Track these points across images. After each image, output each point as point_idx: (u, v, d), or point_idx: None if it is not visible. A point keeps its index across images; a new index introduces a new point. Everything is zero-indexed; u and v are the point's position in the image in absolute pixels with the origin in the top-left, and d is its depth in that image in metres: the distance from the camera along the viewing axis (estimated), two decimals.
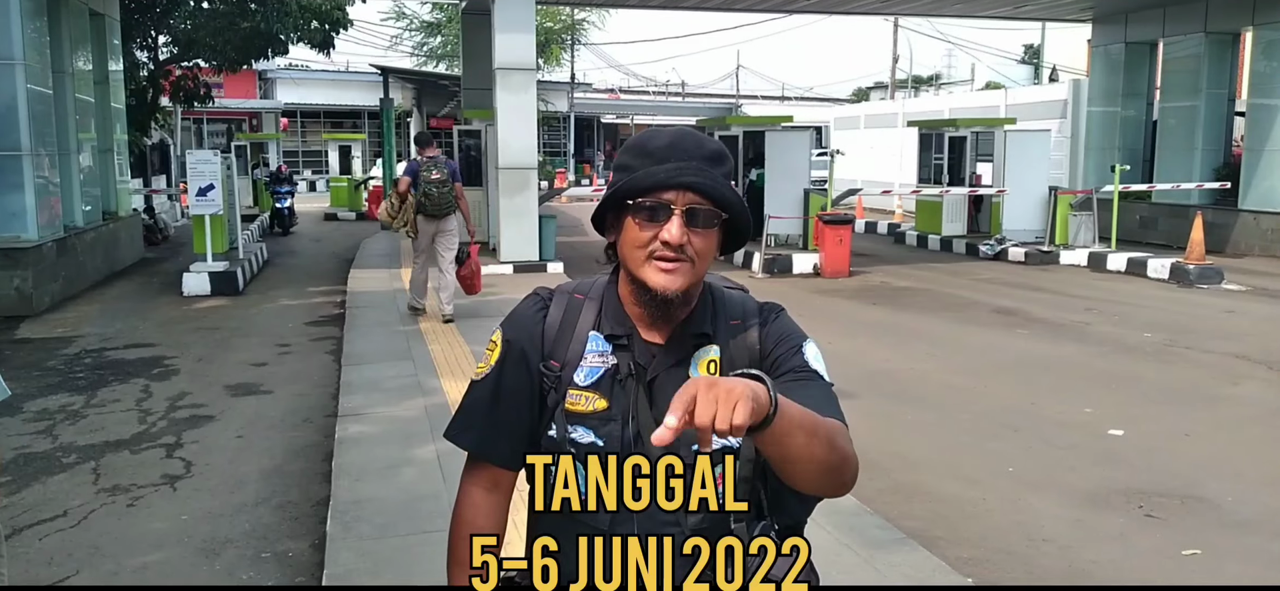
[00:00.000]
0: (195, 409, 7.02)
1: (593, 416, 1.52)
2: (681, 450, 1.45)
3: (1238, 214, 16.25)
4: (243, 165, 21.34)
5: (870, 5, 20.10)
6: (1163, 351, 8.72)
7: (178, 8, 19.77)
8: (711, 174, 1.47)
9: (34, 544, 4.67)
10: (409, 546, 4.15)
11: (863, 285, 12.98)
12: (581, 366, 1.54)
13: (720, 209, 1.48)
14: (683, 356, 1.54)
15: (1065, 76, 26.22)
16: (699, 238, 1.47)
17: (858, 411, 6.77)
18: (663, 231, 1.45)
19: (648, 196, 1.46)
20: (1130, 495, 5.18)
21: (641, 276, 1.49)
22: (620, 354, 1.54)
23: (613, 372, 1.53)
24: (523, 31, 13.68)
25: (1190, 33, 17.55)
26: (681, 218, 1.46)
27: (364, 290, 11.83)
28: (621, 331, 1.54)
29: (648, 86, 54.89)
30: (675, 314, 1.53)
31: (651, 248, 1.47)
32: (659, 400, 1.50)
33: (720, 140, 1.44)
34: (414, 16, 34.80)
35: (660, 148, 1.49)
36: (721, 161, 1.51)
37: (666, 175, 1.46)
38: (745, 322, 1.59)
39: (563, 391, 1.54)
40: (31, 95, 11.22)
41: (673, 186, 1.46)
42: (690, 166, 1.46)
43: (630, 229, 1.49)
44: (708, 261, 1.51)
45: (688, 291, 1.50)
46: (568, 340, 1.56)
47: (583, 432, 1.52)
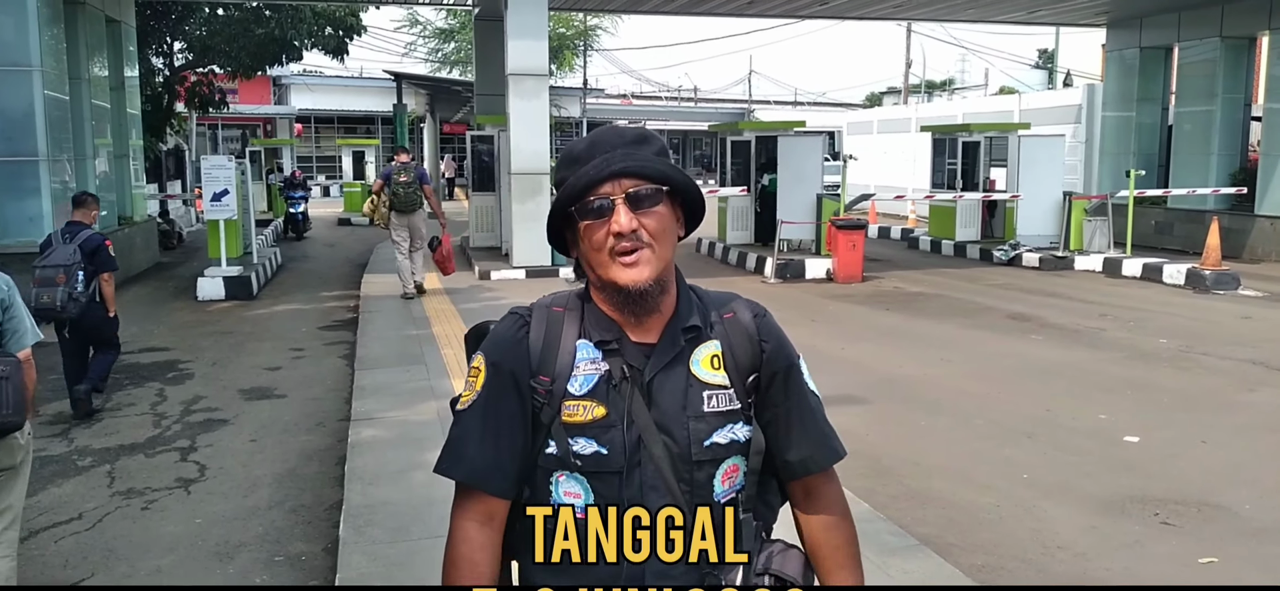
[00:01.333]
0: (209, 412, 7.06)
1: (593, 425, 1.48)
2: (695, 448, 1.47)
3: (1254, 219, 16.13)
4: (257, 171, 21.42)
5: (883, 10, 20.04)
6: (1178, 358, 8.66)
7: (193, 14, 19.92)
8: (638, 154, 1.48)
9: (50, 546, 4.70)
10: (421, 550, 4.15)
11: (876, 290, 12.94)
12: (574, 376, 1.50)
13: (659, 184, 1.47)
14: (677, 353, 1.52)
15: (1080, 81, 26.12)
16: (649, 219, 1.46)
17: (871, 417, 6.76)
18: (611, 223, 1.45)
19: (587, 196, 1.47)
20: (1146, 503, 5.14)
21: (610, 278, 1.48)
22: (611, 358, 1.51)
23: (607, 378, 1.50)
24: (535, 38, 13.73)
25: (1205, 37, 17.44)
26: (625, 204, 1.45)
27: (377, 294, 11.87)
28: (610, 336, 1.51)
29: (660, 92, 54.94)
30: (656, 305, 1.50)
31: (608, 244, 1.46)
32: (658, 400, 1.49)
33: (650, 131, 1.45)
34: (427, 23, 34.95)
35: (583, 150, 1.51)
36: (646, 142, 1.52)
37: (596, 170, 1.46)
38: (738, 313, 1.59)
39: (557, 405, 1.50)
40: (48, 101, 11.31)
41: (604, 177, 1.46)
42: (615, 155, 1.47)
43: (583, 235, 1.49)
44: (670, 243, 1.50)
45: (661, 279, 1.49)
46: (555, 353, 1.51)
47: (584, 443, 1.48)
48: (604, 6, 21.71)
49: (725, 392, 1.52)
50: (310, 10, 19.80)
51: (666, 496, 1.46)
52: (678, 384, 1.50)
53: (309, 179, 25.59)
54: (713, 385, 1.52)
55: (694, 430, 1.49)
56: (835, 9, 19.36)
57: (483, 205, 16.85)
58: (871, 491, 5.19)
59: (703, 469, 1.49)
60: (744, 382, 1.54)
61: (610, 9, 24.33)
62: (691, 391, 1.50)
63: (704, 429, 1.49)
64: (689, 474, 1.48)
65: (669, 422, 1.48)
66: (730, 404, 1.52)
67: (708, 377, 1.52)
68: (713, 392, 1.51)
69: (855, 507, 4.53)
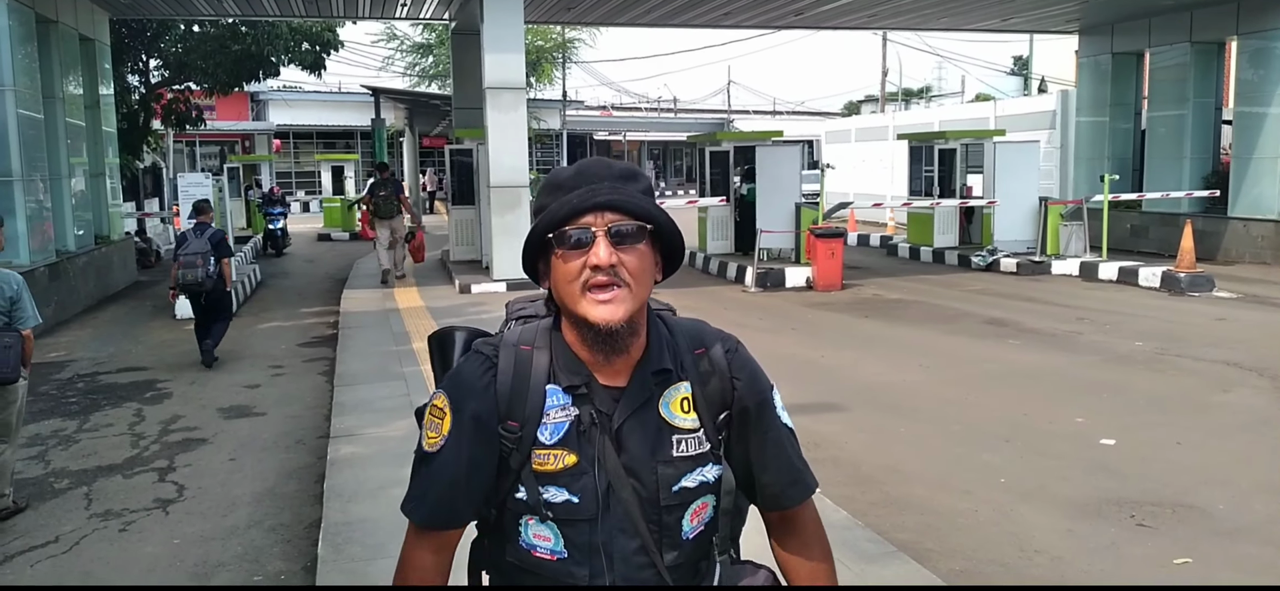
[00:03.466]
0: (188, 432, 7.01)
1: (564, 474, 1.45)
2: (663, 493, 1.47)
3: (1228, 221, 16.33)
4: (235, 187, 21.32)
5: (857, 20, 20.18)
6: (1154, 360, 8.75)
7: (169, 31, 19.82)
8: (625, 190, 1.44)
9: (25, 570, 4.66)
10: None
11: (855, 298, 13.01)
12: (544, 424, 1.46)
13: (643, 222, 1.44)
14: (647, 397, 1.48)
15: (1054, 87, 26.33)
16: (629, 255, 1.42)
17: (850, 424, 6.80)
18: (590, 255, 1.40)
19: (568, 224, 1.42)
20: (1122, 505, 5.19)
21: (581, 312, 1.43)
22: (581, 404, 1.47)
23: (576, 423, 1.46)
24: (512, 51, 13.74)
25: (1176, 42, 17.67)
26: (606, 238, 1.41)
27: (356, 310, 11.83)
28: (579, 380, 1.47)
29: (640, 103, 55.09)
30: (624, 347, 1.46)
31: (583, 277, 1.41)
32: (627, 446, 1.46)
33: (638, 169, 1.42)
34: (405, 38, 34.92)
35: (568, 178, 1.46)
36: (634, 178, 1.47)
37: (580, 199, 1.42)
38: (709, 349, 1.55)
39: (526, 451, 1.46)
40: (22, 120, 11.23)
41: (588, 208, 1.41)
42: (602, 187, 1.43)
43: (558, 264, 1.44)
44: (646, 284, 1.45)
45: (634, 320, 1.45)
46: (524, 396, 1.46)
47: (555, 492, 1.45)
48: (581, 19, 21.72)
49: (695, 436, 1.50)
50: (287, 26, 19.74)
51: (635, 539, 1.46)
52: (647, 429, 1.48)
53: (288, 195, 25.46)
54: (682, 429, 1.49)
55: (662, 475, 1.47)
56: (811, 19, 19.47)
57: (462, 219, 16.82)
58: (850, 499, 5.22)
59: (671, 512, 1.48)
60: (715, 421, 1.52)
61: (588, 21, 24.35)
62: (661, 436, 1.48)
63: (673, 473, 1.47)
64: (657, 517, 1.47)
65: (638, 467, 1.46)
66: (700, 447, 1.50)
67: (678, 421, 1.49)
68: (682, 437, 1.49)
69: (834, 516, 4.59)
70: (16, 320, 5.21)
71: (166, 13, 17.76)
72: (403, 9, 18.31)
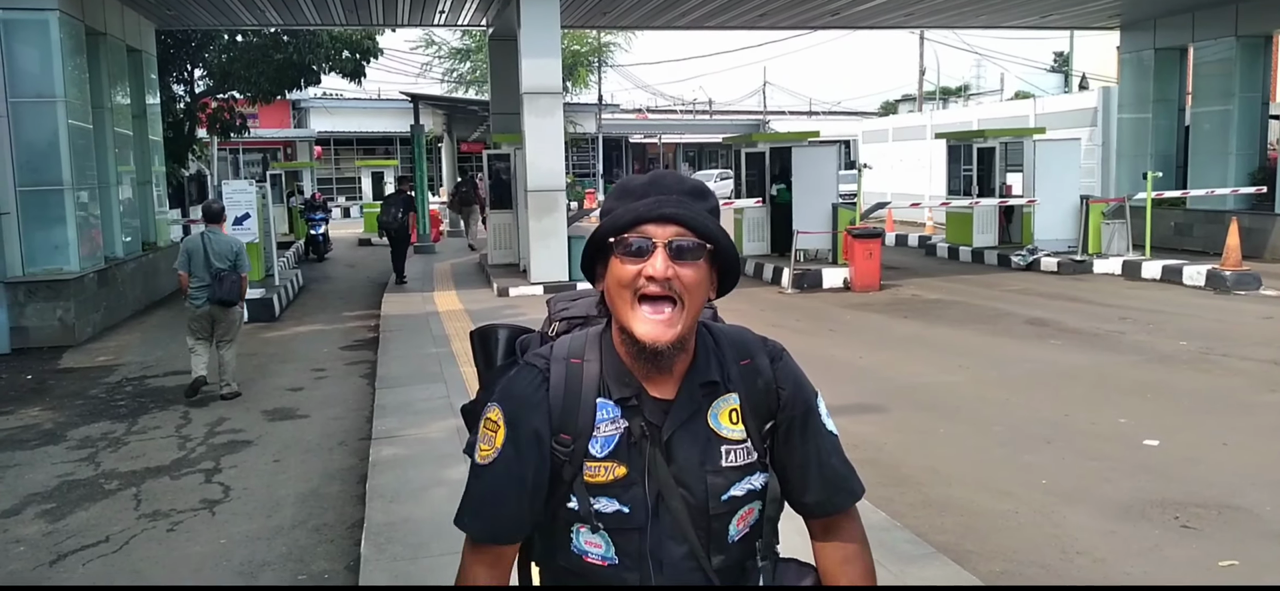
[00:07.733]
0: (233, 434, 7.15)
1: (614, 485, 1.48)
2: (712, 502, 1.50)
3: (1275, 218, 15.99)
4: (278, 193, 21.63)
5: (894, 19, 20.02)
6: (1199, 359, 8.61)
7: (213, 42, 20.17)
8: (693, 207, 1.45)
9: (77, 569, 4.78)
10: (442, 567, 4.20)
11: (894, 298, 12.93)
12: (595, 437, 1.48)
13: (704, 240, 1.45)
14: (695, 409, 1.51)
15: (1095, 84, 25.98)
16: (686, 270, 1.43)
17: (890, 425, 6.77)
18: (647, 265, 1.42)
19: (630, 231, 1.44)
20: (1166, 506, 5.12)
21: (629, 326, 1.44)
22: (631, 416, 1.49)
23: (626, 435, 1.48)
24: (549, 56, 13.83)
25: (1221, 36, 17.34)
26: (666, 251, 1.42)
27: (397, 314, 11.97)
28: (629, 392, 1.49)
29: (675, 105, 55.09)
30: (669, 366, 1.48)
31: (637, 285, 1.43)
32: (677, 456, 1.49)
33: (708, 188, 1.43)
34: (443, 44, 35.22)
35: (640, 186, 1.48)
36: (703, 196, 1.49)
37: (646, 209, 1.44)
38: (754, 359, 1.57)
39: (578, 463, 1.48)
40: (72, 130, 11.50)
41: (653, 219, 1.43)
42: (670, 199, 1.45)
43: (615, 267, 1.45)
44: (699, 301, 1.47)
45: (683, 338, 1.46)
46: (576, 410, 1.49)
47: (607, 502, 1.48)
48: (617, 23, 21.79)
49: (743, 447, 1.52)
50: (327, 34, 20.01)
51: (684, 545, 1.49)
52: (697, 439, 1.50)
53: (329, 200, 25.80)
54: (731, 440, 1.52)
55: (712, 484, 1.50)
56: (847, 19, 19.35)
57: (500, 223, 16.96)
58: (890, 500, 5.20)
59: (720, 519, 1.51)
60: (761, 431, 1.54)
61: (623, 25, 24.42)
62: (710, 446, 1.50)
63: (722, 483, 1.50)
64: (706, 524, 1.50)
65: (687, 477, 1.49)
66: (748, 457, 1.52)
67: (726, 432, 1.52)
68: (731, 448, 1.51)
69: (872, 517, 4.58)
70: (240, 267, 8.13)
71: (211, 23, 18.08)
72: (441, 16, 18.49)
